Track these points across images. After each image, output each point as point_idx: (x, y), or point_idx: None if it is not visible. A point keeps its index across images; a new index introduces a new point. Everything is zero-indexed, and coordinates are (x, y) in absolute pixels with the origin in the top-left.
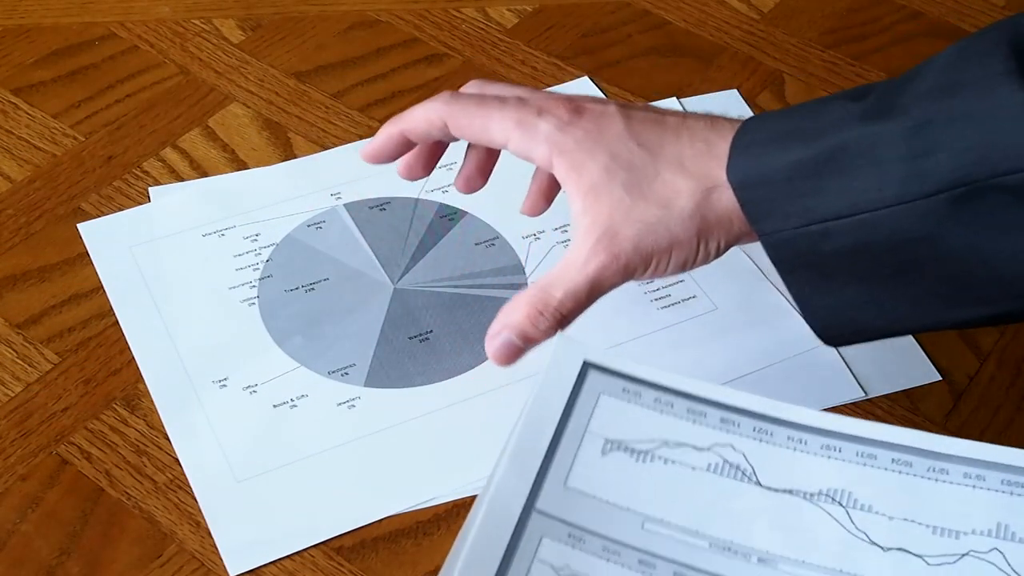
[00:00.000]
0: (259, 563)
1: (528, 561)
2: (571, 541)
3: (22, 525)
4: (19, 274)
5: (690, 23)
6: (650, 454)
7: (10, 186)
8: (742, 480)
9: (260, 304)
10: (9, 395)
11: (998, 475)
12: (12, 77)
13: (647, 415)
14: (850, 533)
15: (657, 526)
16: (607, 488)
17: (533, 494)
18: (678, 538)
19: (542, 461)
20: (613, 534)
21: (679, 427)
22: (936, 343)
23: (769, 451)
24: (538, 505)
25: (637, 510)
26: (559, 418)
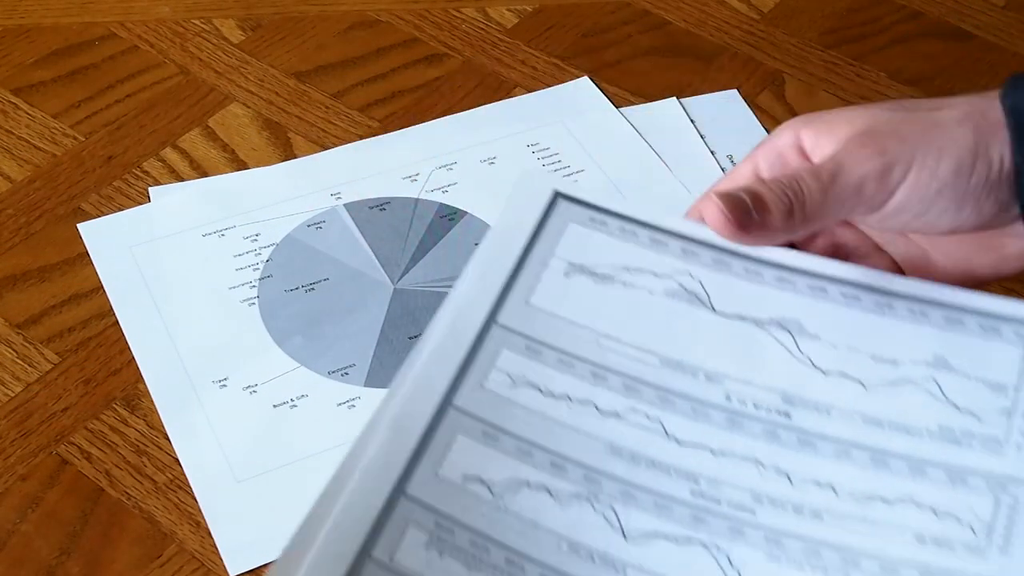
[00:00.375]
0: (259, 563)
1: (487, 369)
2: (529, 353)
3: (22, 525)
4: (19, 274)
5: (690, 23)
6: (611, 278)
7: (10, 186)
8: (696, 305)
9: (260, 304)
10: (9, 395)
11: (940, 312)
12: (12, 77)
13: (611, 243)
14: (794, 357)
15: (611, 343)
16: (567, 307)
17: (496, 308)
18: (630, 354)
19: (507, 279)
20: (569, 348)
21: (641, 254)
22: None
23: (725, 280)
24: (500, 319)
25: (593, 327)
26: (527, 241)
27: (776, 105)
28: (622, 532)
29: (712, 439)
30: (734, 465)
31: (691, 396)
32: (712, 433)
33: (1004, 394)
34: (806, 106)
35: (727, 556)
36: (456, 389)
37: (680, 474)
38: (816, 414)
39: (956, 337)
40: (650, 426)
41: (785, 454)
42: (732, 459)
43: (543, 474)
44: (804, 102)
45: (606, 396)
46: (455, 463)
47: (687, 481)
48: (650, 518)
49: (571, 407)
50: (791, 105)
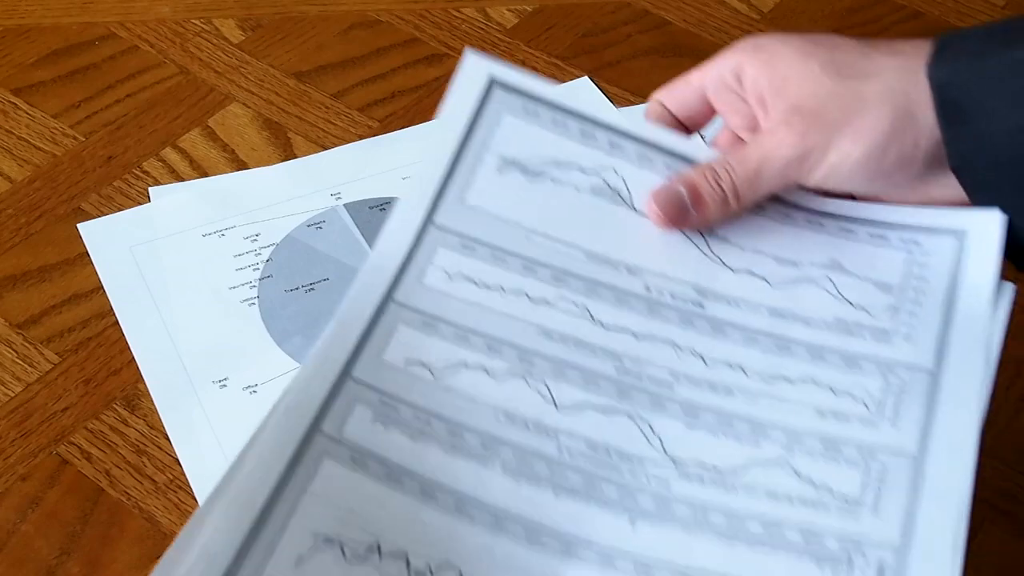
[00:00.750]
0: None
1: (424, 266)
2: (464, 250)
3: (22, 525)
4: (19, 274)
5: (690, 23)
6: (541, 174)
7: (10, 186)
8: (618, 203)
9: (260, 304)
10: (9, 395)
11: (835, 223)
12: (12, 77)
13: (543, 135)
14: (706, 256)
15: (540, 238)
16: (500, 204)
17: (433, 208)
18: (559, 249)
19: (443, 178)
20: (501, 244)
21: (570, 148)
22: None
23: (647, 177)
24: (437, 219)
25: (524, 224)
26: (462, 136)
27: None
28: (554, 403)
29: (633, 324)
30: (653, 347)
31: (614, 287)
32: (633, 319)
33: (890, 292)
34: None
35: (649, 424)
36: (397, 285)
37: (606, 354)
38: (726, 305)
39: (848, 244)
40: (577, 312)
41: (699, 339)
42: (652, 342)
43: (480, 355)
44: None
45: (536, 286)
46: (398, 349)
47: (612, 360)
48: (579, 391)
49: (504, 296)
50: None
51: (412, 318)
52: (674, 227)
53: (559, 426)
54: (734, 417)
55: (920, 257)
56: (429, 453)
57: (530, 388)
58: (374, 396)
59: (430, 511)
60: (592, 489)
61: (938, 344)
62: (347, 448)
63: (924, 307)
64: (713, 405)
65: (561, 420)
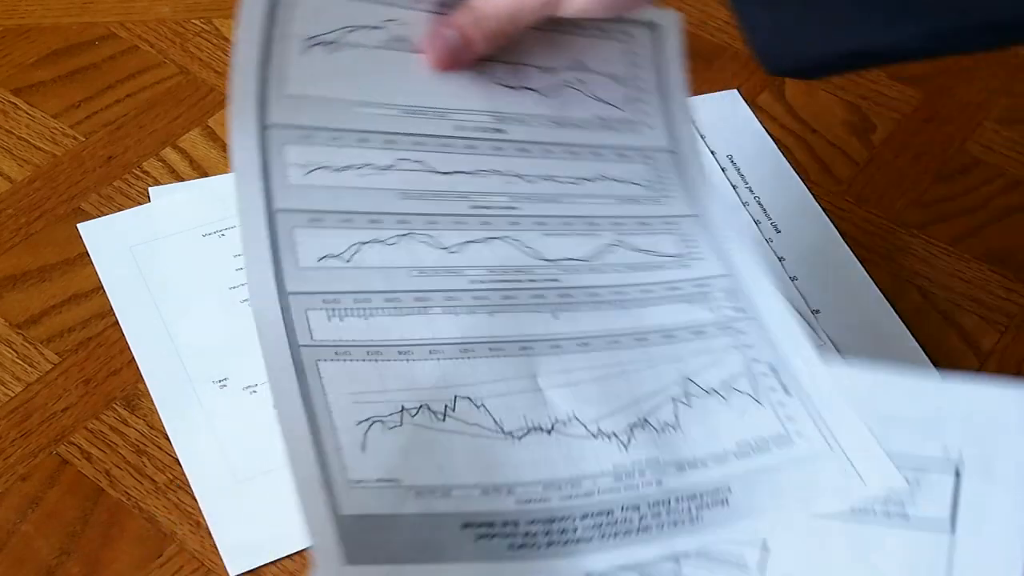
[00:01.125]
0: (259, 563)
1: (283, 169)
2: (305, 141)
3: (22, 525)
4: (19, 274)
5: (690, 23)
6: (338, 42)
7: (10, 186)
8: (408, 51)
9: None
10: (9, 395)
11: (570, 23)
12: (12, 77)
13: (330, 4)
14: (489, 79)
15: (360, 107)
16: (316, 85)
17: (262, 110)
18: (377, 112)
19: (260, 79)
20: (330, 123)
21: (355, 8)
22: (936, 343)
23: (423, 18)
24: (269, 121)
25: (342, 98)
26: (265, 30)
27: (776, 105)
28: (445, 248)
29: (462, 164)
30: (485, 179)
31: (432, 135)
32: (459, 159)
33: (624, 84)
34: (807, 106)
35: (517, 240)
36: (271, 196)
37: (456, 196)
38: (519, 125)
39: (585, 40)
40: (418, 167)
41: (513, 161)
42: (482, 175)
43: (367, 231)
44: (804, 102)
45: (376, 154)
46: (305, 252)
47: (463, 200)
48: (455, 233)
49: (357, 172)
50: (791, 105)
51: (299, 219)
52: (450, 69)
53: (459, 264)
54: (570, 218)
55: (632, 47)
56: (383, 324)
57: (420, 243)
58: (316, 300)
59: (416, 365)
60: (511, 301)
61: (667, 125)
62: (327, 348)
63: (647, 92)
64: (551, 213)
65: (458, 259)
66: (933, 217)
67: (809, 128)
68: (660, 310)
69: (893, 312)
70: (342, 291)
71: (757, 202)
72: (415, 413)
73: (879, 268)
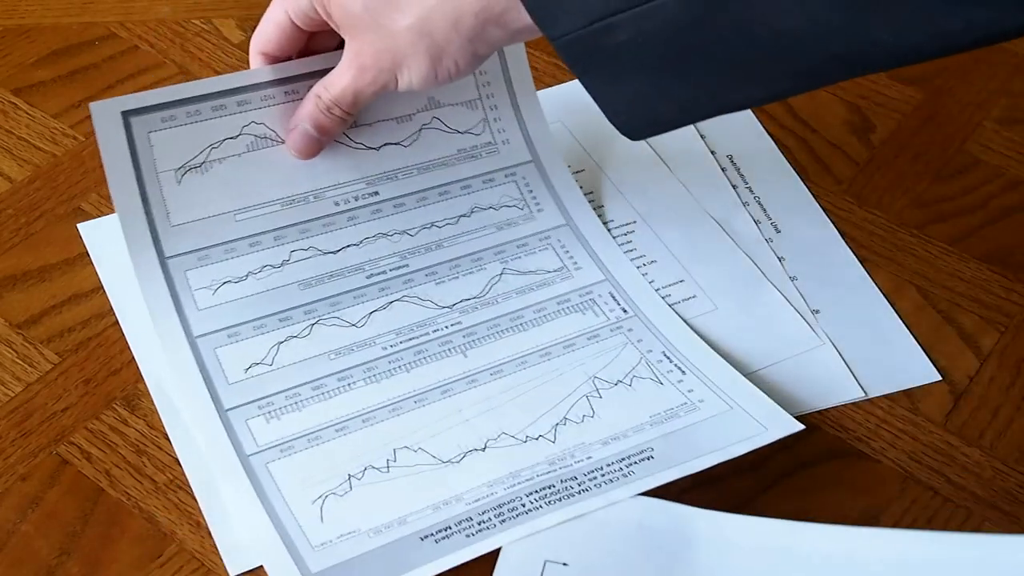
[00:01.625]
0: (259, 563)
1: (190, 295)
2: (203, 261)
3: (22, 525)
4: (19, 274)
5: None
6: (206, 163)
7: (10, 186)
8: (273, 145)
9: None
10: (9, 395)
11: None
12: (12, 77)
13: (188, 131)
14: (353, 148)
15: (243, 214)
16: (197, 207)
17: (158, 245)
18: (259, 213)
19: (147, 220)
20: (221, 238)
21: (212, 127)
22: (936, 343)
23: (278, 111)
24: (166, 252)
25: (225, 211)
26: (134, 174)
27: (776, 105)
28: (351, 324)
29: (348, 238)
30: (373, 245)
31: (316, 217)
32: (345, 234)
33: (476, 108)
34: (807, 106)
35: (413, 295)
36: (187, 325)
37: (351, 270)
38: (390, 182)
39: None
40: (311, 254)
41: (393, 220)
42: (369, 242)
43: (281, 332)
44: (804, 102)
45: (269, 254)
46: (230, 366)
47: (359, 273)
48: (358, 308)
49: (258, 277)
50: (791, 105)
51: (219, 339)
52: (313, 156)
53: (368, 335)
54: (456, 260)
55: (481, 67)
56: (316, 410)
57: (330, 327)
58: (252, 408)
59: (353, 436)
60: (423, 355)
61: (524, 136)
62: (272, 450)
63: (501, 107)
64: (438, 261)
65: (367, 331)
66: (933, 217)
67: (809, 128)
68: (555, 324)
69: (893, 312)
70: (273, 393)
71: (757, 202)
72: (361, 476)
73: (879, 268)
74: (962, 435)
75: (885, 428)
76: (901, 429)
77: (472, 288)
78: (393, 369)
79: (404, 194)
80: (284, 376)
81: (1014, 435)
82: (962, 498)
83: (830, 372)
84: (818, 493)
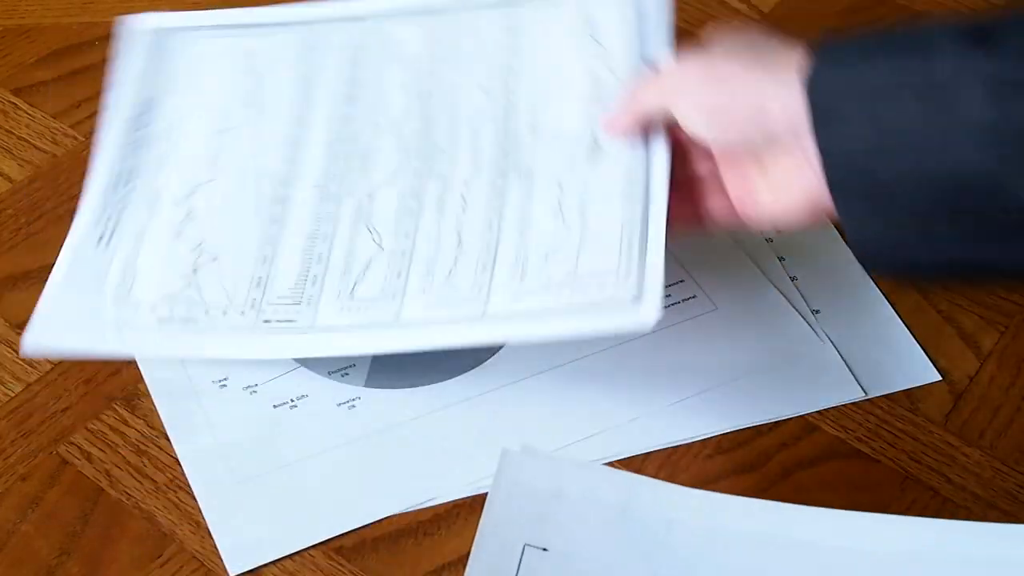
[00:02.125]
0: (259, 563)
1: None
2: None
3: (22, 525)
4: (19, 274)
5: (690, 23)
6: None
7: (10, 186)
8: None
9: None
10: (9, 395)
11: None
12: (12, 77)
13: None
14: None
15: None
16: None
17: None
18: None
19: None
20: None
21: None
22: (936, 343)
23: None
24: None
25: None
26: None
27: None
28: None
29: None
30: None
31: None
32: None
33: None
34: None
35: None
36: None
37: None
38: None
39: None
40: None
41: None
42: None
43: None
44: None
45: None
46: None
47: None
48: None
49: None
50: None
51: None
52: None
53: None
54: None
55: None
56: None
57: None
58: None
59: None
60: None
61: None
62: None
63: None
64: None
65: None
66: None
67: None
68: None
69: (893, 312)
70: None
71: None
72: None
73: None
74: (962, 435)
75: (885, 428)
76: (901, 429)
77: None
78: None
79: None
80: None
81: (1014, 435)
82: (962, 498)
83: (830, 372)
84: (818, 493)
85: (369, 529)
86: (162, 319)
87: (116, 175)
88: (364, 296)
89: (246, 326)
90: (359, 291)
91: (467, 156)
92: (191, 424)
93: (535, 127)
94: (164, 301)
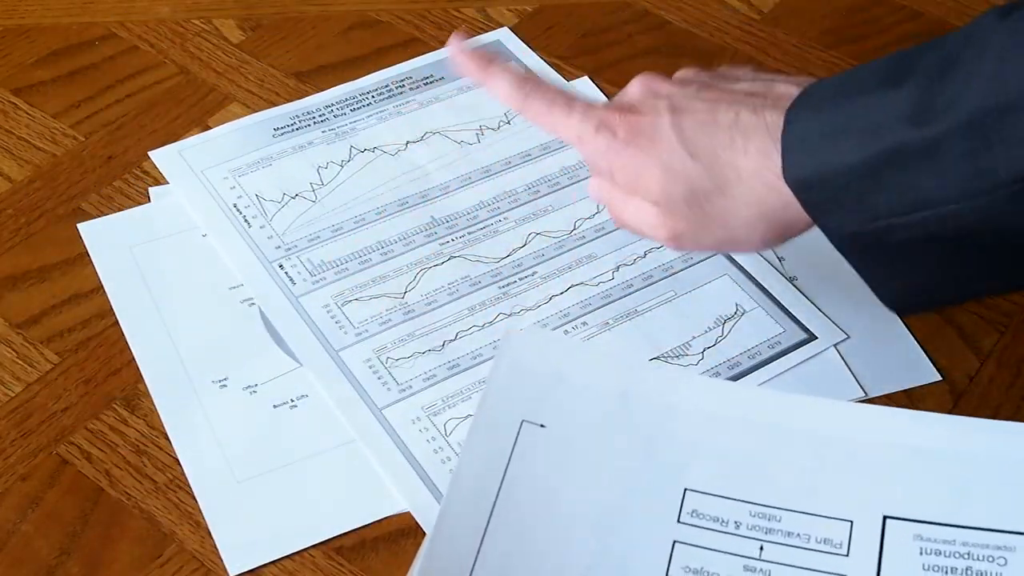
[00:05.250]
0: (259, 563)
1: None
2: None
3: (22, 525)
4: (19, 274)
5: (690, 23)
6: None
7: (10, 186)
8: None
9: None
10: (9, 395)
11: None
12: (12, 77)
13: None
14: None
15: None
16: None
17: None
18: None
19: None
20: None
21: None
22: (936, 343)
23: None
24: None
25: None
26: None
27: None
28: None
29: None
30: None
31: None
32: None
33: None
34: None
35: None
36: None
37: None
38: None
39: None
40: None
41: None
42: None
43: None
44: None
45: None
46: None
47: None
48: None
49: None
50: None
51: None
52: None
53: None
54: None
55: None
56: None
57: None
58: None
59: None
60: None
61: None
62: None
63: None
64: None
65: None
66: None
67: None
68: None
69: (893, 312)
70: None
71: None
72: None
73: None
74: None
75: None
76: None
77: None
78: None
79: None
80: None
81: None
82: None
83: (830, 372)
84: None
85: (369, 529)
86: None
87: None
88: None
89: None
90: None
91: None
92: (191, 424)
93: None
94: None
